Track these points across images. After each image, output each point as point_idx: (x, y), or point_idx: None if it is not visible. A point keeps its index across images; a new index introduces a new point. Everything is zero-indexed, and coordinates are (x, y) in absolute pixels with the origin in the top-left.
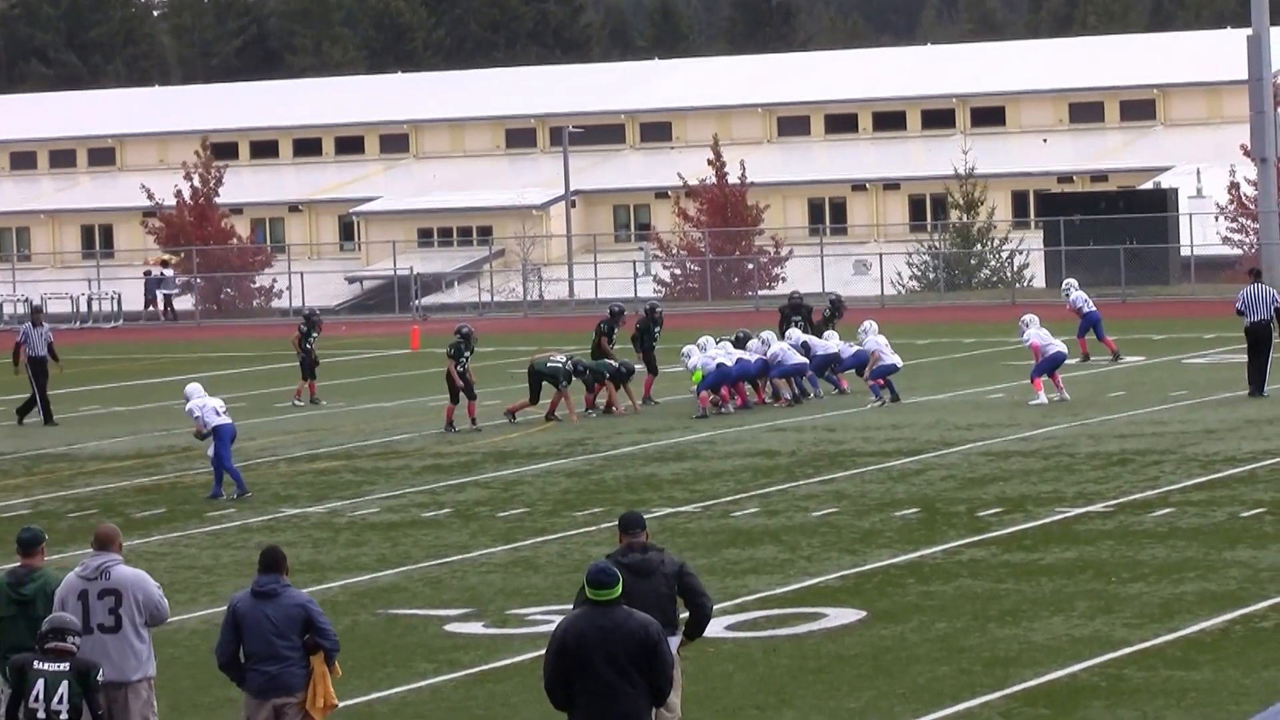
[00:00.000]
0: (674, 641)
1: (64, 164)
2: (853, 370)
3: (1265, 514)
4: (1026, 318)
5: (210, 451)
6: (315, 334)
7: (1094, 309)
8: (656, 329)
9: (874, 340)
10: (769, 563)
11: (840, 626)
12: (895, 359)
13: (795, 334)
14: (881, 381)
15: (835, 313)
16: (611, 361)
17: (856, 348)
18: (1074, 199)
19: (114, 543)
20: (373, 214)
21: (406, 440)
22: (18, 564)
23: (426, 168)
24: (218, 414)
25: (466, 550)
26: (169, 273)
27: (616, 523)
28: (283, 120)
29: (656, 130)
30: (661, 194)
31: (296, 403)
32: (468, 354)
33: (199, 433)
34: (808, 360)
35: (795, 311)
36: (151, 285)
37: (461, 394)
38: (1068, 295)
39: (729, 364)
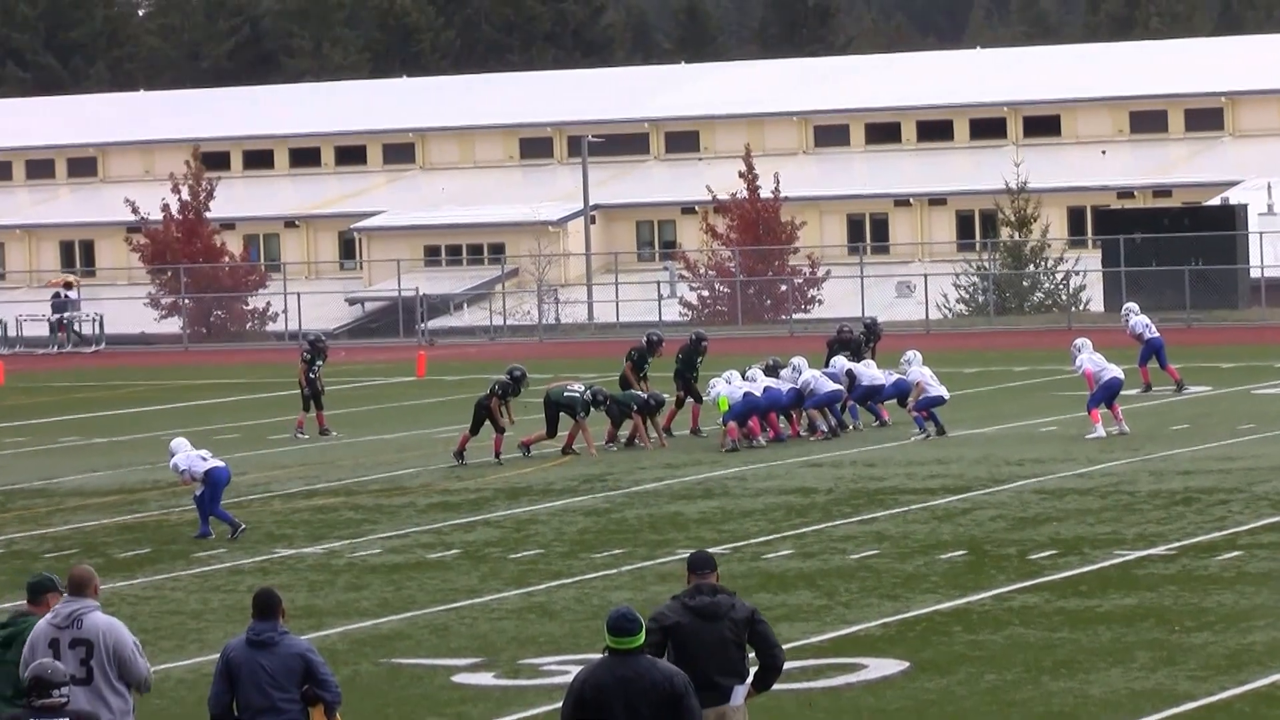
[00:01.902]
0: (740, 691)
1: (42, 175)
2: (894, 400)
3: None
4: (1078, 342)
5: (198, 492)
6: (320, 361)
7: (1156, 335)
8: (699, 360)
9: (918, 371)
10: (804, 609)
11: (881, 678)
12: (941, 390)
13: (840, 360)
14: (925, 413)
15: (871, 337)
16: (639, 393)
17: (897, 376)
18: (1135, 216)
19: (89, 587)
20: (375, 230)
21: (411, 475)
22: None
23: (434, 180)
24: (205, 460)
25: (476, 595)
26: (72, 294)
27: (686, 562)
28: (278, 128)
29: (683, 140)
30: (688, 209)
31: (300, 434)
32: (513, 396)
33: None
34: (847, 389)
35: (844, 347)
36: (58, 308)
37: (481, 426)
38: (1127, 320)
39: (757, 394)
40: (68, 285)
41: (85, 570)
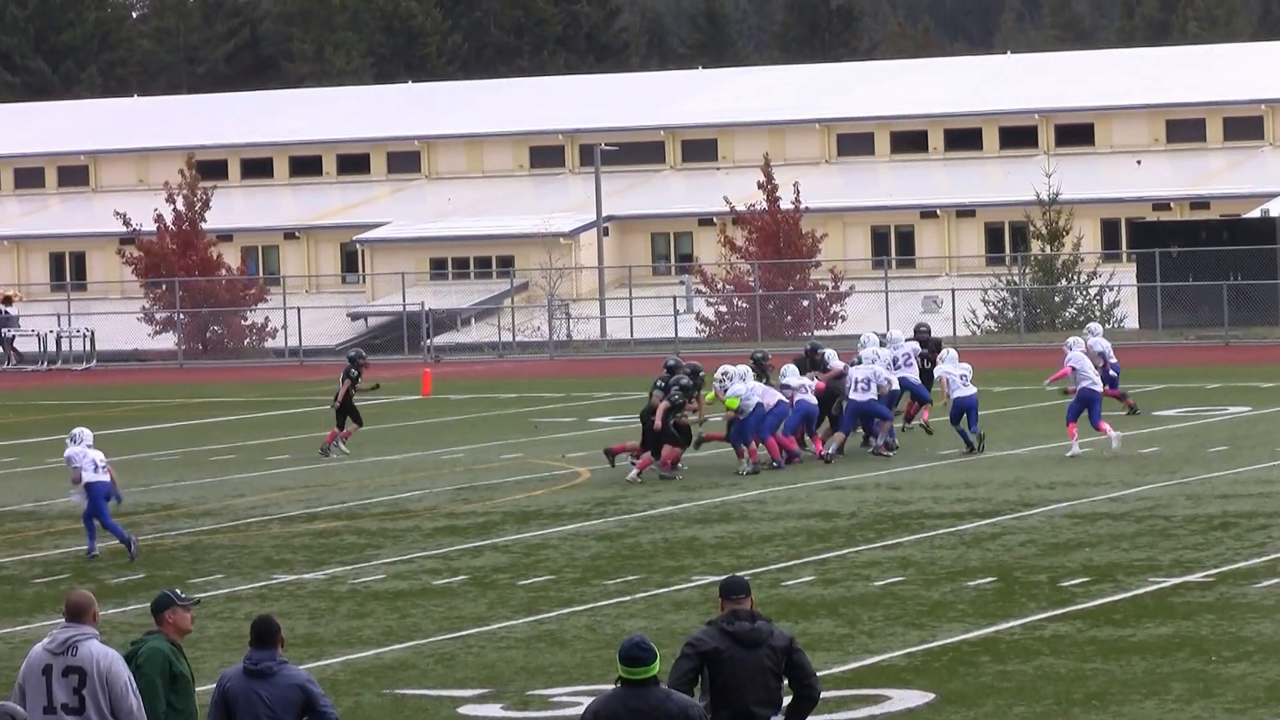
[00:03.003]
0: None
1: (31, 184)
2: (925, 413)
3: None
4: (1070, 341)
5: (82, 504)
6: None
7: (1114, 360)
8: (765, 381)
9: (943, 368)
10: (825, 638)
11: (905, 711)
12: (965, 389)
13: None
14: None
15: None
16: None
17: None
18: (1171, 228)
19: (88, 613)
20: (379, 242)
21: (416, 498)
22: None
23: (440, 190)
24: (95, 468)
25: (484, 623)
26: (11, 310)
27: (718, 588)
28: (278, 136)
29: (700, 149)
30: (705, 220)
31: (343, 448)
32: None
33: (76, 480)
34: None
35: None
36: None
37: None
38: (1086, 339)
39: (767, 406)
40: (7, 300)
41: (84, 596)
